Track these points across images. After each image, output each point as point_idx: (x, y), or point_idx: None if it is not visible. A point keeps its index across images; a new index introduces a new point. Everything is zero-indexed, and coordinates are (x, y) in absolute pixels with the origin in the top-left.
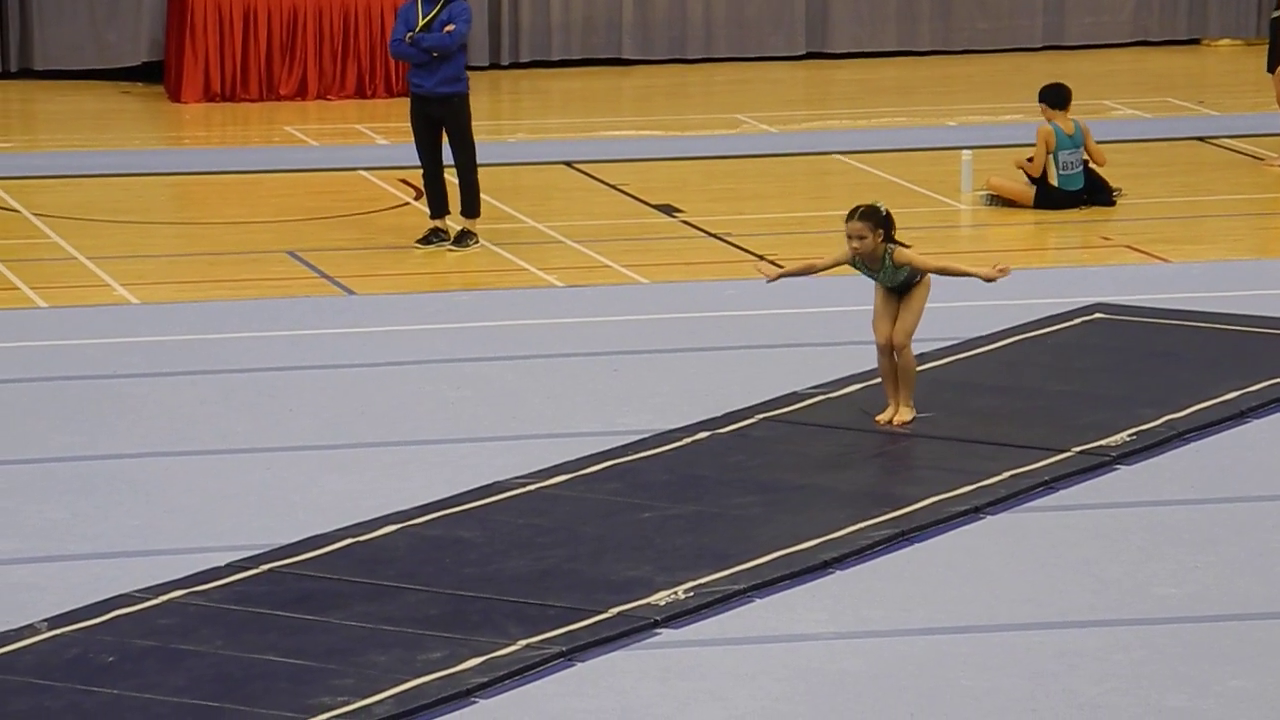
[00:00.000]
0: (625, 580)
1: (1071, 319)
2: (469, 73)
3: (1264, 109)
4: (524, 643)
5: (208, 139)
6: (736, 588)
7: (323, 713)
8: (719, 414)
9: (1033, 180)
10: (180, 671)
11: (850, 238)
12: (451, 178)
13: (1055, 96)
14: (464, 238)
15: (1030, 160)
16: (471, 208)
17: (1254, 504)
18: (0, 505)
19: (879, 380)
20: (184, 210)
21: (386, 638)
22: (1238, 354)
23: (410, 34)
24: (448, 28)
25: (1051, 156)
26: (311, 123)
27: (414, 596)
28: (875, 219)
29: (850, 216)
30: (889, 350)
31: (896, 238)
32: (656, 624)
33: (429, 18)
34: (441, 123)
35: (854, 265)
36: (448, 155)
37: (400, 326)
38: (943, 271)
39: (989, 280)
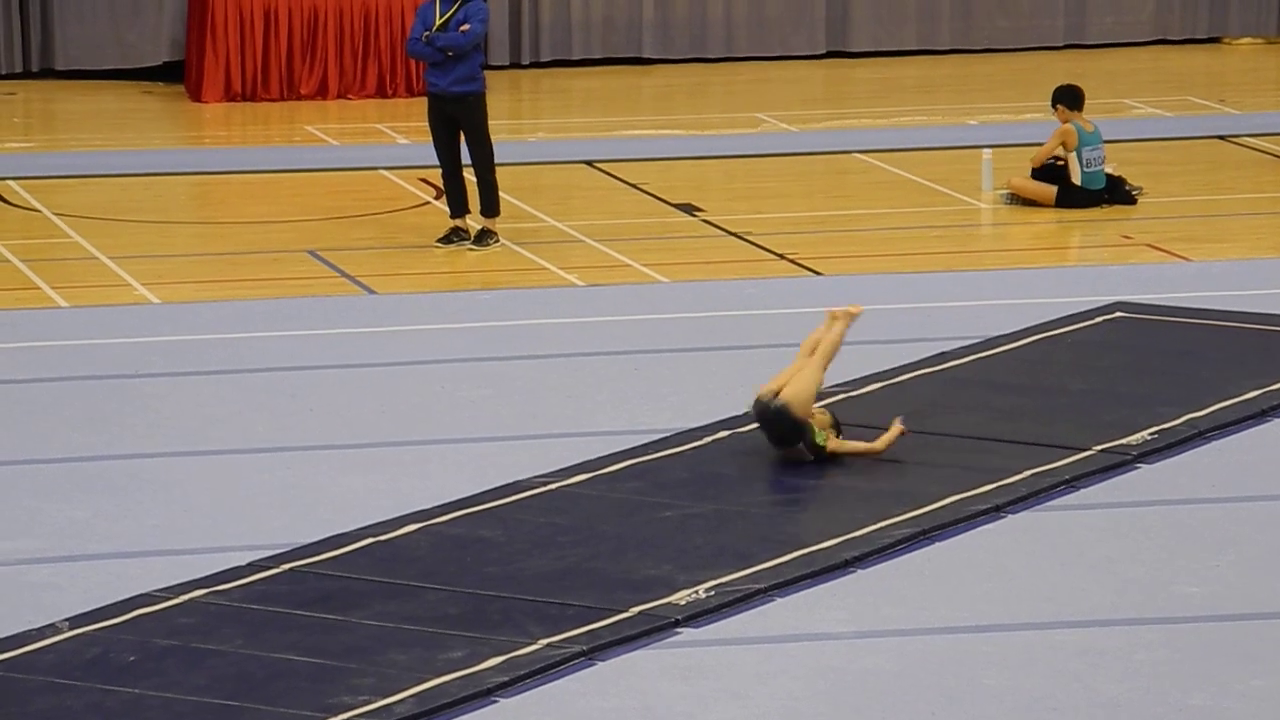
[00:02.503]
0: (646, 579)
1: (1092, 318)
2: (489, 72)
3: None
4: (545, 642)
5: (228, 138)
6: (757, 587)
7: (343, 712)
8: (739, 413)
9: (1036, 174)
10: (201, 671)
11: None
12: (471, 177)
13: (1073, 98)
14: (484, 237)
15: (1036, 157)
16: (490, 207)
17: (1276, 503)
18: (22, 505)
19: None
20: (204, 210)
21: (407, 637)
22: (1259, 352)
23: (427, 33)
24: (463, 27)
25: (1075, 154)
26: (332, 122)
27: (434, 595)
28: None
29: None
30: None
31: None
32: (677, 623)
33: (446, 17)
34: (457, 122)
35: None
36: (467, 154)
37: (421, 326)
38: (858, 452)
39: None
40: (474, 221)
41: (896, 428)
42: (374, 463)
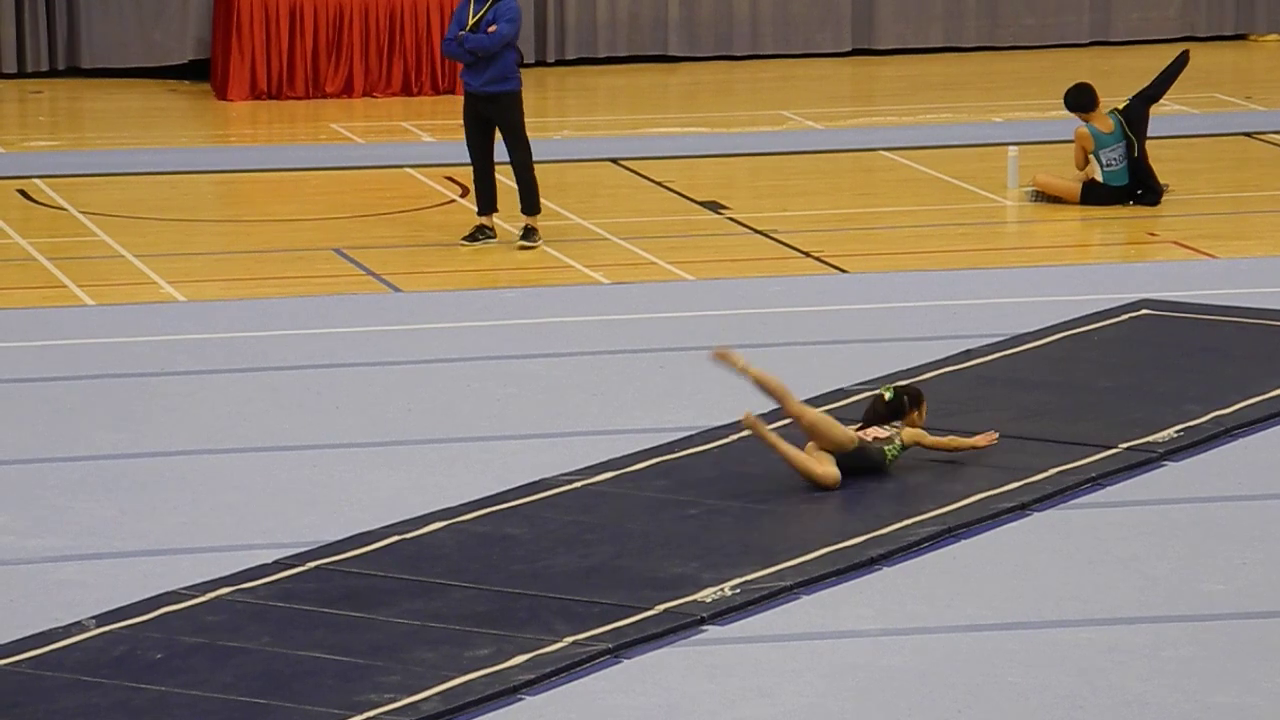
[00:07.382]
0: (672, 577)
1: (1118, 315)
2: None
3: None
4: (571, 640)
5: (254, 137)
6: (783, 584)
7: (369, 710)
8: (766, 410)
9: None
10: (227, 668)
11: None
12: (505, 177)
13: (1084, 100)
14: (530, 235)
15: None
16: (532, 205)
17: None
18: (49, 503)
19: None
20: (230, 208)
21: (433, 635)
22: None
23: (460, 34)
24: (491, 28)
25: (1094, 155)
26: (358, 120)
27: (461, 593)
28: (898, 410)
29: (869, 420)
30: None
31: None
32: (703, 621)
33: (477, 18)
34: (492, 121)
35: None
36: (498, 153)
37: (446, 324)
38: (944, 447)
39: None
40: (513, 221)
41: (987, 436)
42: (400, 460)
